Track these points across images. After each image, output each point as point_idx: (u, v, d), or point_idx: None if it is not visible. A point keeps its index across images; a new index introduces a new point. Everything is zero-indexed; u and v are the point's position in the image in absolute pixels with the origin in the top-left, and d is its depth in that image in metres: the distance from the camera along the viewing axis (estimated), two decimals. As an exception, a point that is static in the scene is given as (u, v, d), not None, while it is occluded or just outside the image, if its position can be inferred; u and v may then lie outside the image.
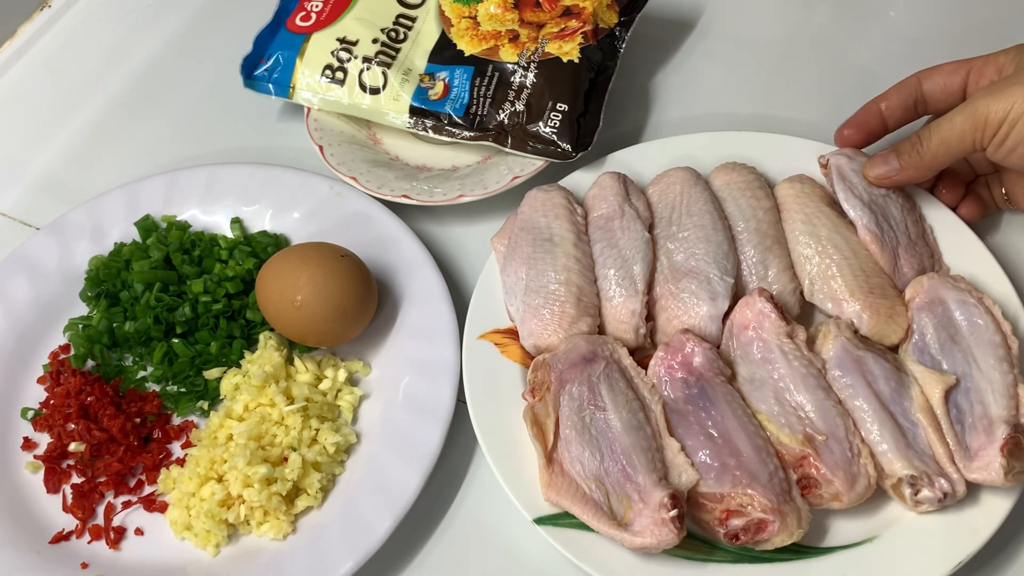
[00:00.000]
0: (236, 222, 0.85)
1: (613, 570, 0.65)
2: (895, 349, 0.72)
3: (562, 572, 0.69)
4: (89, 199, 0.87)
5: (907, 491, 0.65)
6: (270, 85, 0.89)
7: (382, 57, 0.88)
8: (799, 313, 0.75)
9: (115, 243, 0.84)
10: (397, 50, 0.88)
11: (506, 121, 0.84)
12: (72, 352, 0.80)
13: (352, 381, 0.78)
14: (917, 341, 0.71)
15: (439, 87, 0.86)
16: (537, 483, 0.67)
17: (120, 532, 0.73)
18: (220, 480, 0.72)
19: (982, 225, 0.81)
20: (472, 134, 0.85)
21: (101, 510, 0.74)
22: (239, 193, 0.87)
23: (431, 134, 0.86)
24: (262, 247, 0.82)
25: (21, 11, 1.06)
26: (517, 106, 0.84)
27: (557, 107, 0.83)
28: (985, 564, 0.68)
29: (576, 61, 0.85)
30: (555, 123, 0.83)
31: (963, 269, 0.75)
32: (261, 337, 0.78)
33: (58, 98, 1.01)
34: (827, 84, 0.94)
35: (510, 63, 0.86)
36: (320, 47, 0.89)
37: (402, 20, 0.90)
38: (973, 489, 0.66)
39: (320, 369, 0.77)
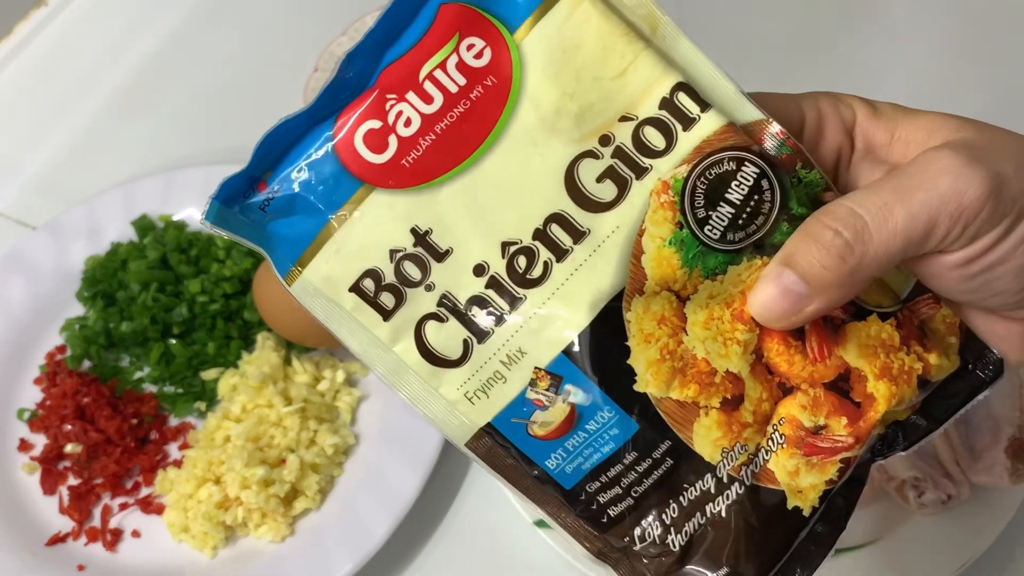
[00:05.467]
0: (233, 219, 0.85)
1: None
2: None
3: (562, 575, 0.69)
4: (86, 199, 0.87)
5: (911, 493, 0.65)
6: (264, 234, 0.43)
7: (478, 310, 0.41)
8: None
9: (112, 243, 0.83)
10: (516, 300, 0.40)
11: (637, 546, 0.42)
12: (68, 353, 0.79)
13: (351, 382, 0.77)
14: (921, 342, 0.70)
15: (558, 414, 0.41)
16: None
17: (117, 534, 0.72)
18: (217, 482, 0.71)
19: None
20: (576, 523, 0.42)
21: (98, 512, 0.73)
22: (237, 192, 0.86)
23: (500, 479, 0.43)
24: (260, 247, 0.82)
25: (17, 9, 1.05)
26: (671, 539, 0.41)
27: None
28: (989, 566, 0.67)
29: (806, 514, 0.41)
30: None
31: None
32: (259, 337, 0.78)
33: (54, 97, 1.00)
34: (827, 84, 0.94)
35: (705, 457, 0.41)
36: (377, 224, 0.41)
37: (555, 232, 0.40)
38: (978, 491, 0.65)
39: (318, 370, 0.77)
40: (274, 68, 1.00)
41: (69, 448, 0.74)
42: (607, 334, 0.40)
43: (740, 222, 0.39)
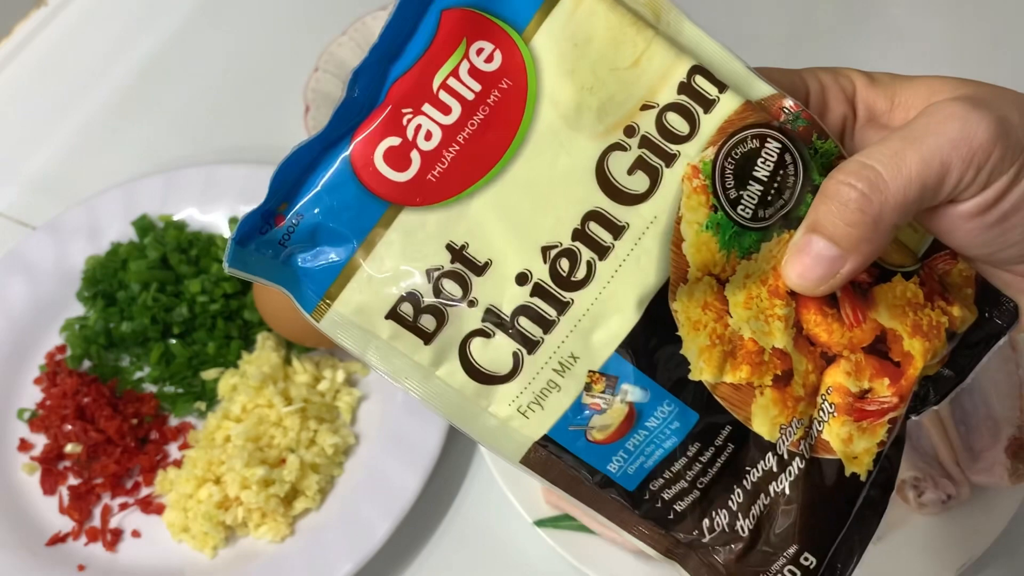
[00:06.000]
0: (234, 221, 0.85)
1: (613, 572, 0.64)
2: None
3: (563, 574, 0.69)
4: (86, 198, 0.87)
5: (911, 493, 0.65)
6: (286, 269, 0.40)
7: (525, 320, 0.39)
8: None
9: (112, 243, 0.83)
10: (564, 304, 0.39)
11: (706, 538, 0.41)
12: (68, 353, 0.79)
13: (351, 382, 0.77)
14: (921, 342, 0.70)
15: (617, 415, 0.40)
16: (537, 485, 0.66)
17: (117, 534, 0.72)
18: (217, 482, 0.71)
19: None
20: (640, 523, 0.42)
21: (98, 512, 0.73)
22: (237, 192, 0.86)
23: (556, 489, 0.42)
24: (260, 247, 0.82)
25: (17, 10, 1.05)
26: (739, 525, 0.41)
27: (801, 560, 0.42)
28: (989, 566, 0.67)
29: (863, 479, 0.42)
30: None
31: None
32: (259, 337, 0.78)
33: (54, 97, 1.00)
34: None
35: (764, 435, 0.41)
36: (410, 245, 0.39)
37: (594, 231, 0.39)
38: (978, 491, 0.65)
39: (318, 370, 0.77)
40: (274, 68, 1.00)
41: (69, 448, 0.74)
42: (657, 327, 0.39)
43: (769, 198, 0.39)
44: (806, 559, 0.41)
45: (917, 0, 0.99)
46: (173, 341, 0.78)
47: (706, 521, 0.41)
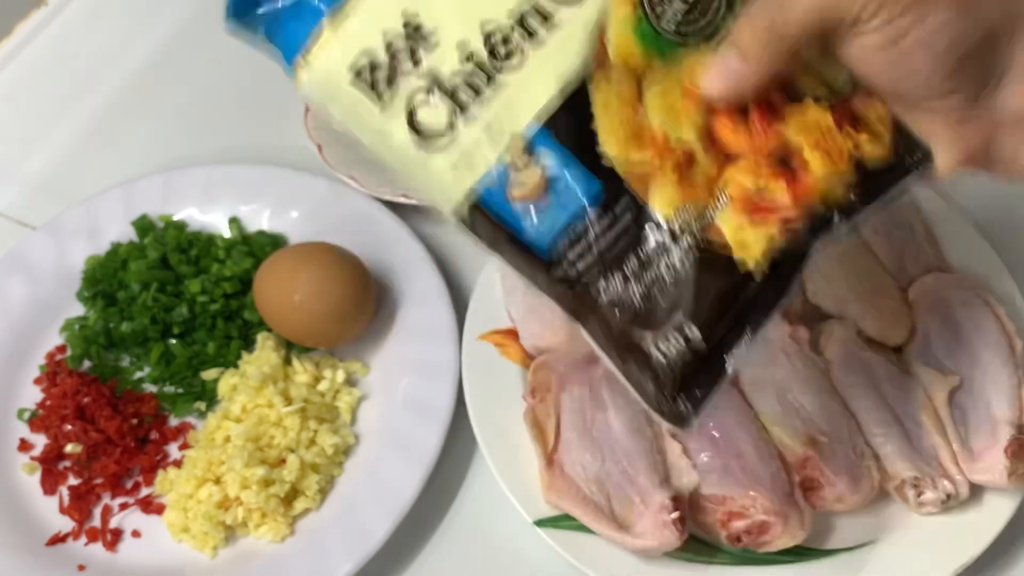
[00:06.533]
0: (234, 222, 0.85)
1: (614, 572, 0.64)
2: (899, 350, 0.72)
3: (563, 575, 0.69)
4: (86, 198, 0.87)
5: (910, 493, 0.65)
6: (271, 36, 0.55)
7: (461, 85, 0.47)
8: (802, 314, 0.74)
9: (112, 243, 0.83)
10: (494, 77, 0.47)
11: (603, 300, 0.47)
12: (68, 352, 0.79)
13: (351, 382, 0.77)
14: (921, 342, 0.70)
15: (532, 177, 0.47)
16: (537, 485, 0.67)
17: (117, 534, 0.72)
18: (218, 482, 0.71)
19: (987, 224, 0.80)
20: (550, 283, 0.48)
21: (98, 512, 0.73)
22: (237, 192, 0.86)
23: (492, 253, 0.50)
24: (260, 247, 0.82)
25: (17, 10, 1.05)
26: (632, 287, 0.47)
27: (686, 330, 0.46)
28: (989, 566, 0.67)
29: (750, 268, 0.46)
30: (669, 351, 0.47)
31: (967, 268, 0.75)
32: (259, 337, 0.78)
33: (54, 97, 1.00)
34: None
35: (660, 213, 0.46)
36: (370, 18, 0.48)
37: (528, 17, 0.47)
38: (977, 491, 0.65)
39: (319, 370, 0.77)
40: (274, 69, 0.99)
41: (69, 448, 0.74)
42: (574, 104, 0.46)
43: (692, 16, 0.46)
44: (690, 329, 0.46)
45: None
46: (173, 341, 0.78)
47: (603, 283, 0.47)
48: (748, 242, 0.46)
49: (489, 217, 0.47)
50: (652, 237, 0.46)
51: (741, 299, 0.46)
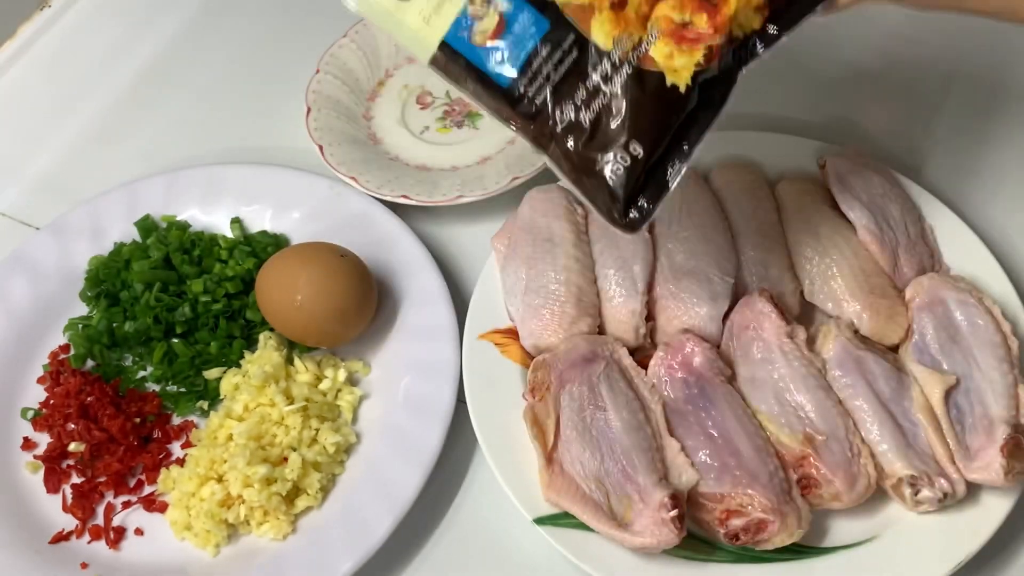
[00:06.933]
0: (236, 222, 0.85)
1: (613, 570, 0.64)
2: (895, 349, 0.72)
3: (562, 572, 0.69)
4: (89, 199, 0.87)
5: (907, 491, 0.65)
6: None
7: None
8: (799, 313, 0.75)
9: (115, 243, 0.84)
10: None
11: (559, 128, 0.56)
12: (72, 352, 0.80)
13: (352, 381, 0.78)
14: (917, 341, 0.71)
15: (491, 22, 0.56)
16: (537, 483, 0.67)
17: (120, 532, 0.73)
18: (220, 480, 0.71)
19: (982, 225, 0.81)
20: (514, 116, 0.57)
21: (101, 510, 0.74)
22: (239, 193, 0.86)
23: (465, 94, 0.58)
24: (262, 247, 0.82)
25: (21, 11, 1.06)
26: (583, 114, 0.56)
27: (631, 148, 0.56)
28: (985, 564, 0.67)
29: (682, 90, 0.55)
30: (617, 169, 0.56)
31: (963, 269, 0.75)
32: (261, 337, 0.78)
33: (58, 98, 1.00)
34: (827, 84, 0.94)
35: (600, 44, 0.55)
36: None
37: None
38: (973, 489, 0.66)
39: (320, 369, 0.77)
40: (276, 70, 1.00)
41: (72, 447, 0.75)
42: None
43: None
44: (634, 147, 0.55)
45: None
46: (176, 340, 0.79)
47: (557, 113, 0.56)
48: (678, 67, 0.55)
49: (459, 61, 0.56)
50: (597, 68, 0.55)
51: (677, 119, 0.56)
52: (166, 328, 0.79)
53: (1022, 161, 0.88)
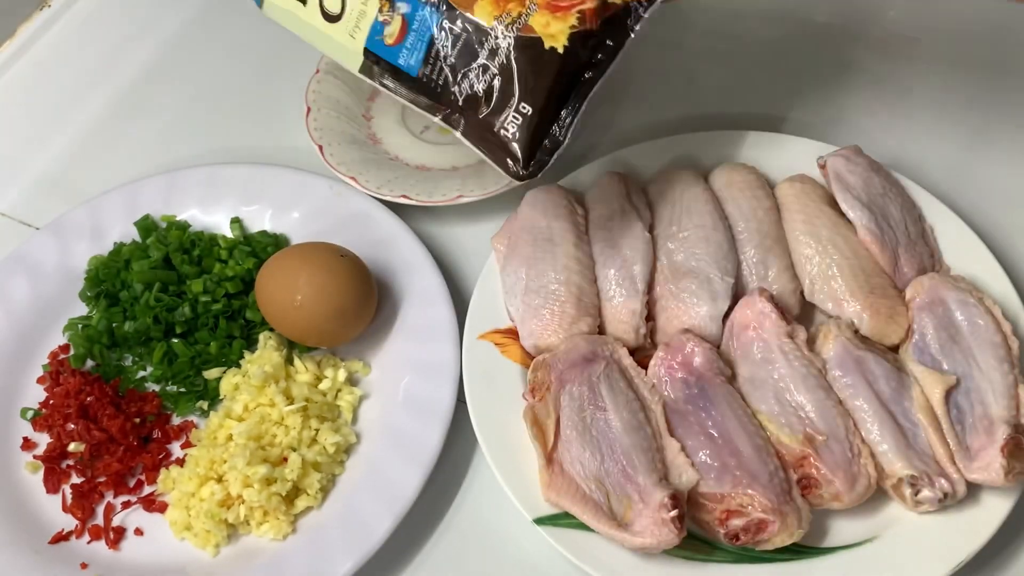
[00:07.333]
0: (236, 222, 0.85)
1: (613, 570, 0.64)
2: (895, 349, 0.72)
3: (562, 572, 0.69)
4: (89, 199, 0.87)
5: (907, 491, 0.65)
6: None
7: None
8: (799, 313, 0.75)
9: (115, 243, 0.84)
10: None
11: (461, 101, 0.65)
12: (72, 352, 0.80)
13: (352, 381, 0.78)
14: (917, 341, 0.71)
15: (396, 25, 0.67)
16: (537, 483, 0.67)
17: (120, 532, 0.73)
18: (220, 480, 0.71)
19: (982, 225, 0.81)
20: (427, 102, 0.67)
21: (101, 510, 0.74)
22: (239, 193, 0.87)
23: (388, 91, 0.69)
24: (262, 247, 0.82)
25: (20, 11, 1.06)
26: (477, 86, 0.65)
27: (521, 108, 0.64)
28: (986, 564, 0.67)
29: (560, 51, 0.63)
30: (512, 128, 0.64)
31: (963, 269, 0.75)
32: (261, 337, 0.78)
33: (58, 98, 1.01)
34: (827, 84, 0.94)
35: (484, 23, 0.65)
36: None
37: None
38: (973, 489, 0.66)
39: (320, 369, 0.77)
40: (275, 70, 1.00)
41: (72, 447, 0.75)
42: None
43: None
44: (524, 107, 0.64)
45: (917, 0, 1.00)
46: (175, 341, 0.79)
47: (456, 90, 0.65)
48: (554, 32, 0.63)
49: (380, 63, 0.68)
50: (484, 45, 0.64)
51: (561, 77, 0.63)
52: (166, 328, 0.79)
53: (1022, 161, 0.88)
